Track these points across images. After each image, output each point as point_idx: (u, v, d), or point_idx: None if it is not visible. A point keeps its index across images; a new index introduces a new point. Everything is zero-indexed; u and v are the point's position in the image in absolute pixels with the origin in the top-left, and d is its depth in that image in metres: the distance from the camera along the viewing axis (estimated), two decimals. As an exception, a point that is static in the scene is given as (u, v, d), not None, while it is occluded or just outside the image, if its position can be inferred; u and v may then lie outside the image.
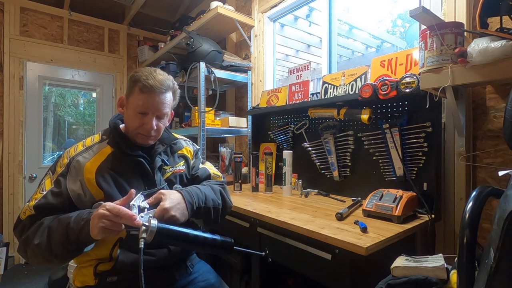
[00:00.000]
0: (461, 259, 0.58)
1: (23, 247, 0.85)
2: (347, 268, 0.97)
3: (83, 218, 0.81)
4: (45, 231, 0.83)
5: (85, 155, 0.98)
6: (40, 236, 0.82)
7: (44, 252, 0.82)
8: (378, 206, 1.20)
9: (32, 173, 2.92)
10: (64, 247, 0.81)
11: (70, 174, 0.93)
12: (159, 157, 1.08)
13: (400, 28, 4.33)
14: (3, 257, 2.49)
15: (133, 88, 1.01)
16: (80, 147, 1.01)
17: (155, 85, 0.99)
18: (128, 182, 0.99)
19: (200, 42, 2.18)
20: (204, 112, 2.12)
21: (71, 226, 0.80)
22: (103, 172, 0.96)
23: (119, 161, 1.00)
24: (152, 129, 1.01)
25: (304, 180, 1.86)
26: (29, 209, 0.88)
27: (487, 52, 0.90)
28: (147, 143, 1.05)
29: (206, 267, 1.21)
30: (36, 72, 2.97)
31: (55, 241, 0.81)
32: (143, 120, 1.00)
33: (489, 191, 0.63)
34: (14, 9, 2.84)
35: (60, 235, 0.81)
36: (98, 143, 1.02)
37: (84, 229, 0.79)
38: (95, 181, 0.94)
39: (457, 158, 1.27)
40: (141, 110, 0.99)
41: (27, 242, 0.84)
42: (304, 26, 3.33)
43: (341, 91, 1.60)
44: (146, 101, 0.99)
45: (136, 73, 1.02)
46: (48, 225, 0.84)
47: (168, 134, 1.16)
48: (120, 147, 1.00)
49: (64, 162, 0.96)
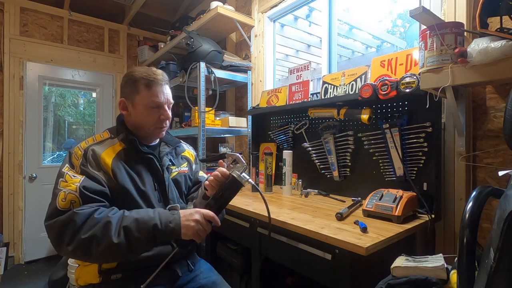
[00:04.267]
0: (461, 259, 0.58)
1: (85, 246, 0.82)
2: (347, 268, 0.97)
3: (170, 221, 0.88)
4: (121, 231, 0.84)
5: (98, 146, 1.00)
6: (117, 236, 0.83)
7: (122, 251, 0.84)
8: (378, 206, 1.20)
9: (32, 173, 2.92)
10: (148, 245, 0.89)
11: (89, 163, 0.95)
12: (167, 157, 1.15)
13: (400, 28, 4.33)
14: (3, 257, 2.50)
15: (136, 87, 1.04)
16: (90, 141, 1.03)
17: (160, 78, 1.05)
18: (139, 176, 1.03)
19: (200, 42, 2.18)
20: (204, 112, 2.12)
21: (160, 228, 0.87)
22: (118, 163, 0.99)
23: (131, 158, 1.03)
24: (169, 119, 1.09)
25: (304, 180, 1.86)
26: (74, 195, 0.87)
27: (487, 52, 0.90)
28: (163, 135, 1.13)
29: (206, 265, 1.23)
30: (36, 72, 2.97)
31: (138, 241, 0.85)
32: (159, 113, 1.06)
33: (489, 191, 0.63)
34: (14, 9, 2.84)
35: (145, 235, 0.86)
36: (109, 139, 1.05)
37: (175, 231, 0.87)
38: (111, 172, 0.96)
39: (457, 158, 1.27)
40: (156, 104, 1.04)
41: (93, 242, 0.82)
42: (304, 26, 3.33)
43: (341, 91, 1.60)
44: (158, 94, 1.04)
45: (132, 73, 1.05)
46: (123, 226, 0.85)
47: (171, 137, 1.23)
48: (134, 145, 1.04)
49: (78, 154, 0.97)
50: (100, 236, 0.83)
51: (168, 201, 1.08)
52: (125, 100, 1.08)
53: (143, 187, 1.02)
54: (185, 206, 1.18)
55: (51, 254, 3.02)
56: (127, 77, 1.07)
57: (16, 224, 2.83)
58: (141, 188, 1.01)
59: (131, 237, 0.85)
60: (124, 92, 1.08)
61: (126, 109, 1.08)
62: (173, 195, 1.11)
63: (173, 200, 1.10)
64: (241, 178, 0.94)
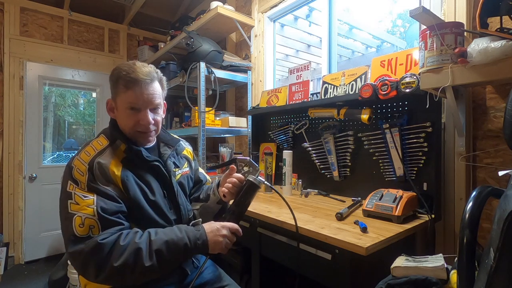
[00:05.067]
0: (461, 259, 0.58)
1: (119, 273, 0.80)
2: (347, 268, 0.97)
3: (198, 238, 0.89)
4: (152, 255, 0.83)
5: (103, 157, 0.92)
6: (149, 260, 0.82)
7: (156, 273, 0.84)
8: (378, 206, 1.20)
9: (32, 173, 2.92)
10: (177, 264, 0.90)
11: (97, 179, 0.88)
12: (170, 160, 1.08)
13: (400, 28, 4.33)
14: (3, 257, 2.49)
15: (117, 86, 0.95)
16: (91, 151, 0.93)
17: (139, 77, 0.93)
18: (148, 186, 0.97)
19: (200, 42, 2.18)
20: (204, 112, 2.12)
21: (189, 247, 0.87)
22: (127, 175, 0.93)
23: (137, 166, 0.97)
24: (149, 124, 0.97)
25: (304, 180, 1.86)
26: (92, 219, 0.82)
27: (487, 52, 0.90)
28: (148, 141, 1.02)
29: (209, 262, 1.23)
30: (36, 72, 2.97)
31: (168, 262, 0.86)
32: (138, 117, 0.96)
33: (489, 191, 0.63)
34: (14, 9, 2.84)
35: (175, 255, 0.86)
36: (109, 147, 0.96)
37: (203, 247, 0.89)
38: (120, 184, 0.91)
39: (457, 158, 1.27)
40: (132, 106, 0.94)
41: (127, 269, 0.81)
42: (304, 26, 3.33)
43: (341, 91, 1.60)
44: (135, 95, 0.94)
45: (116, 70, 0.96)
46: (154, 249, 0.83)
47: (170, 136, 1.16)
48: (139, 155, 0.97)
49: (82, 169, 0.88)
50: (133, 264, 0.81)
51: (178, 207, 1.04)
52: (111, 101, 1.00)
53: (153, 197, 0.97)
54: (191, 208, 1.16)
55: (51, 254, 3.02)
56: (112, 74, 0.97)
57: (16, 224, 2.83)
58: (151, 198, 0.96)
59: (163, 259, 0.84)
60: (111, 92, 1.00)
61: (113, 110, 1.00)
62: (182, 200, 1.07)
63: (183, 205, 1.07)
64: (258, 181, 0.98)
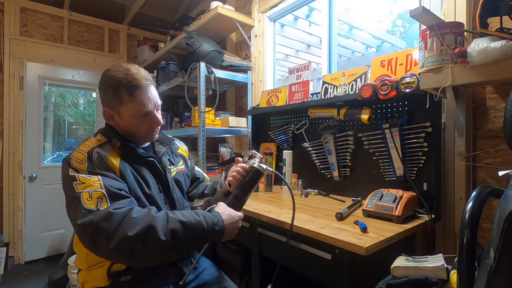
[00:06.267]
0: (461, 259, 0.58)
1: (131, 245, 0.78)
2: (347, 268, 0.97)
3: (216, 224, 0.88)
4: (168, 232, 0.80)
5: (102, 149, 0.94)
6: (164, 235, 0.79)
7: (164, 254, 0.82)
8: (378, 206, 1.20)
9: (32, 173, 2.92)
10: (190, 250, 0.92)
11: (96, 167, 0.90)
12: (165, 157, 1.13)
13: (400, 28, 4.33)
14: (3, 257, 2.49)
15: (119, 96, 0.95)
16: (90, 144, 0.96)
17: (142, 83, 0.96)
18: (144, 180, 1.01)
19: (200, 42, 2.18)
20: (204, 112, 2.12)
21: (206, 232, 0.85)
22: (125, 166, 0.96)
23: (133, 161, 1.00)
24: (160, 123, 1.04)
25: (304, 180, 1.86)
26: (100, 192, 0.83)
27: (487, 52, 0.90)
28: (156, 138, 1.10)
29: (208, 262, 1.25)
30: (36, 72, 2.97)
31: (182, 245, 0.83)
32: (149, 120, 1.01)
33: (489, 191, 0.63)
34: (14, 9, 2.84)
35: (192, 237, 0.84)
36: (108, 143, 0.99)
37: (218, 234, 0.88)
38: (119, 173, 0.93)
39: (457, 158, 1.27)
40: (144, 113, 0.98)
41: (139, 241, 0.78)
42: (304, 26, 3.33)
43: (341, 91, 1.60)
44: (144, 102, 0.96)
45: (111, 78, 0.95)
46: (171, 228, 0.81)
47: (164, 135, 1.20)
48: (134, 152, 1.00)
49: (81, 157, 0.90)
50: (146, 236, 0.78)
51: (174, 202, 1.07)
52: (109, 110, 0.99)
53: (149, 190, 1.00)
54: (189, 205, 1.19)
55: (51, 254, 3.02)
56: (106, 82, 0.96)
57: (16, 224, 2.83)
58: (147, 191, 0.99)
59: (178, 240, 0.81)
60: (105, 100, 0.98)
61: (113, 118, 1.00)
62: (177, 196, 1.11)
63: (178, 200, 1.09)
64: (261, 167, 1.03)
